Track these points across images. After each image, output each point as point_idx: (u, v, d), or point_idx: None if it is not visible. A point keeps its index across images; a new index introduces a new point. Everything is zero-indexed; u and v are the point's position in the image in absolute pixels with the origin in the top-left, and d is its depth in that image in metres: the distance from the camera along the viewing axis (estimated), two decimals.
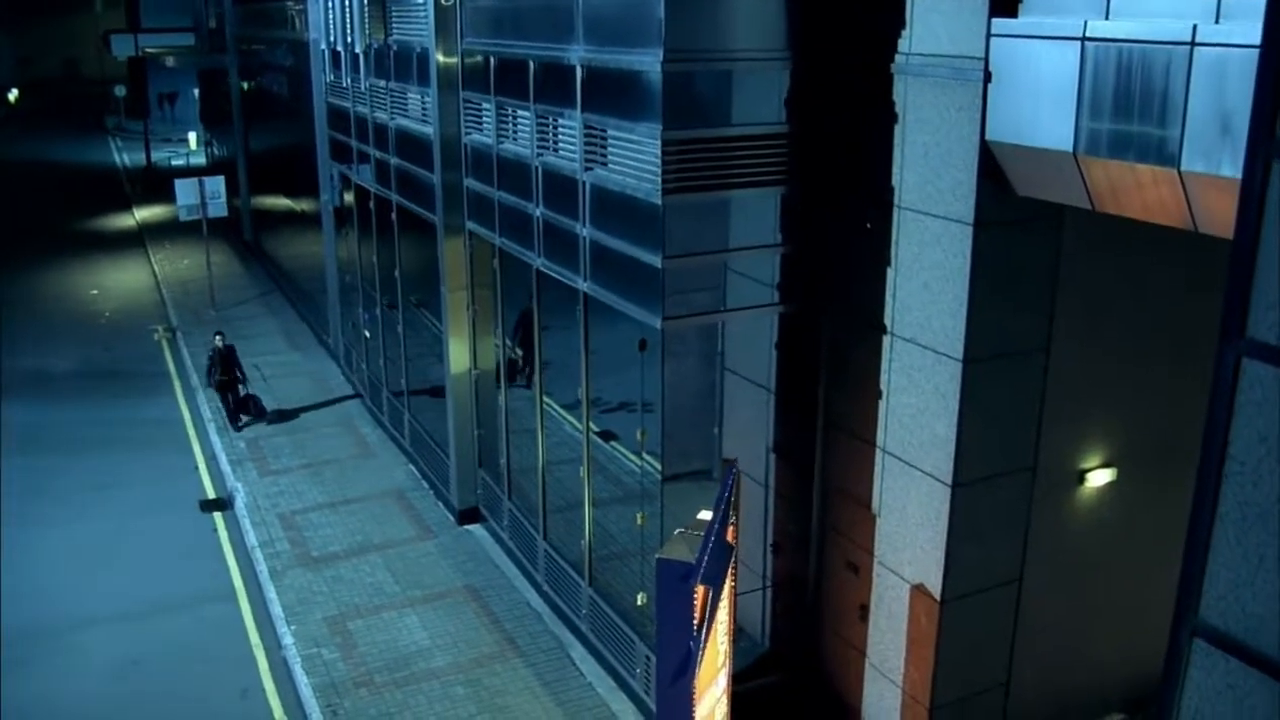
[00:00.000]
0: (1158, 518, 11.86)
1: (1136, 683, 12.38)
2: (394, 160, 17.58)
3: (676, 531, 10.31)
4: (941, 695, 10.92)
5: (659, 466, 11.39)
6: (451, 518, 16.74)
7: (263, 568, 15.38)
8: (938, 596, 10.62)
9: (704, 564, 9.65)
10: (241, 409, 20.49)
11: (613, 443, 12.97)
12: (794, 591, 12.65)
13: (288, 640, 13.70)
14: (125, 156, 53.66)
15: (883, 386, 10.99)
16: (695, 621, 9.82)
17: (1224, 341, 5.45)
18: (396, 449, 19.29)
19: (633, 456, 12.26)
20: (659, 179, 10.43)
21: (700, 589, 9.74)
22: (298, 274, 27.74)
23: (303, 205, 26.15)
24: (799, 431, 12.20)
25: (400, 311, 18.41)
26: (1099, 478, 11.18)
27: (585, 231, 11.99)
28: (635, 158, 10.86)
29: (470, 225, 15.38)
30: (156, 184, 41.89)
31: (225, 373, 20.21)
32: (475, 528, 16.47)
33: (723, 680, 10.81)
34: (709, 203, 10.96)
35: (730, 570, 10.42)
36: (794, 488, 12.42)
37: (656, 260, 10.65)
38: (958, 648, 10.82)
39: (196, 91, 48.08)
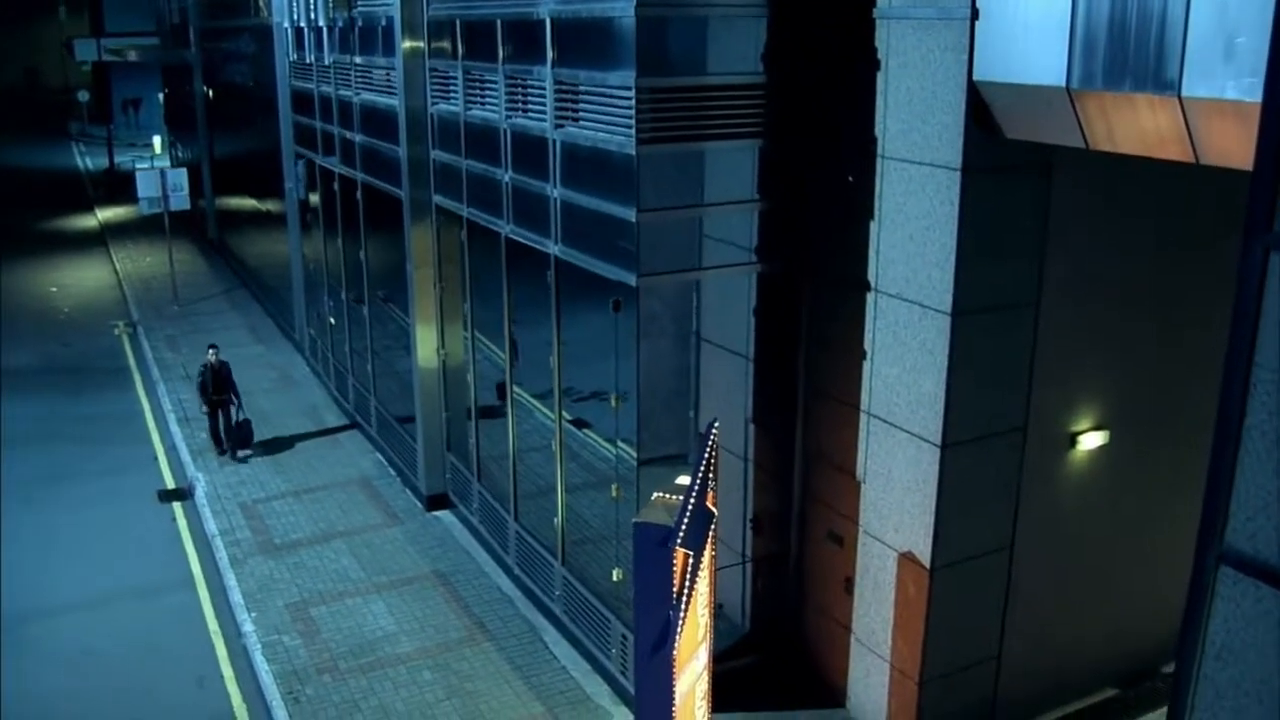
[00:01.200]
0: (1151, 486, 11.47)
1: (1129, 658, 11.98)
2: (359, 137, 17.05)
3: (654, 496, 9.80)
4: (931, 668, 10.45)
5: (634, 453, 10.89)
6: (419, 504, 16.17)
7: (222, 555, 14.76)
8: (927, 564, 10.15)
9: (683, 527, 9.15)
10: (238, 440, 17.95)
11: (586, 430, 12.48)
12: (775, 569, 12.16)
13: (248, 627, 13.09)
14: (88, 161, 52.75)
15: (867, 346, 10.54)
16: (675, 589, 9.31)
17: (1250, 237, 5.01)
18: (363, 438, 18.71)
19: (605, 443, 11.80)
20: (633, 129, 9.96)
21: (680, 553, 9.24)
22: (263, 270, 27.15)
23: (268, 205, 25.60)
24: (779, 400, 11.74)
25: (366, 295, 17.85)
26: (1091, 440, 10.77)
27: (556, 192, 11.50)
28: (608, 110, 10.39)
29: (437, 199, 14.86)
30: (120, 186, 41.11)
31: (218, 391, 17.81)
32: (444, 514, 15.91)
33: (703, 655, 10.30)
34: (684, 157, 10.49)
35: (710, 538, 9.92)
36: (774, 459, 11.95)
37: (631, 214, 10.17)
38: (948, 618, 10.36)
39: (161, 96, 47.40)
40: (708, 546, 9.86)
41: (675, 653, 9.33)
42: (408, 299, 15.57)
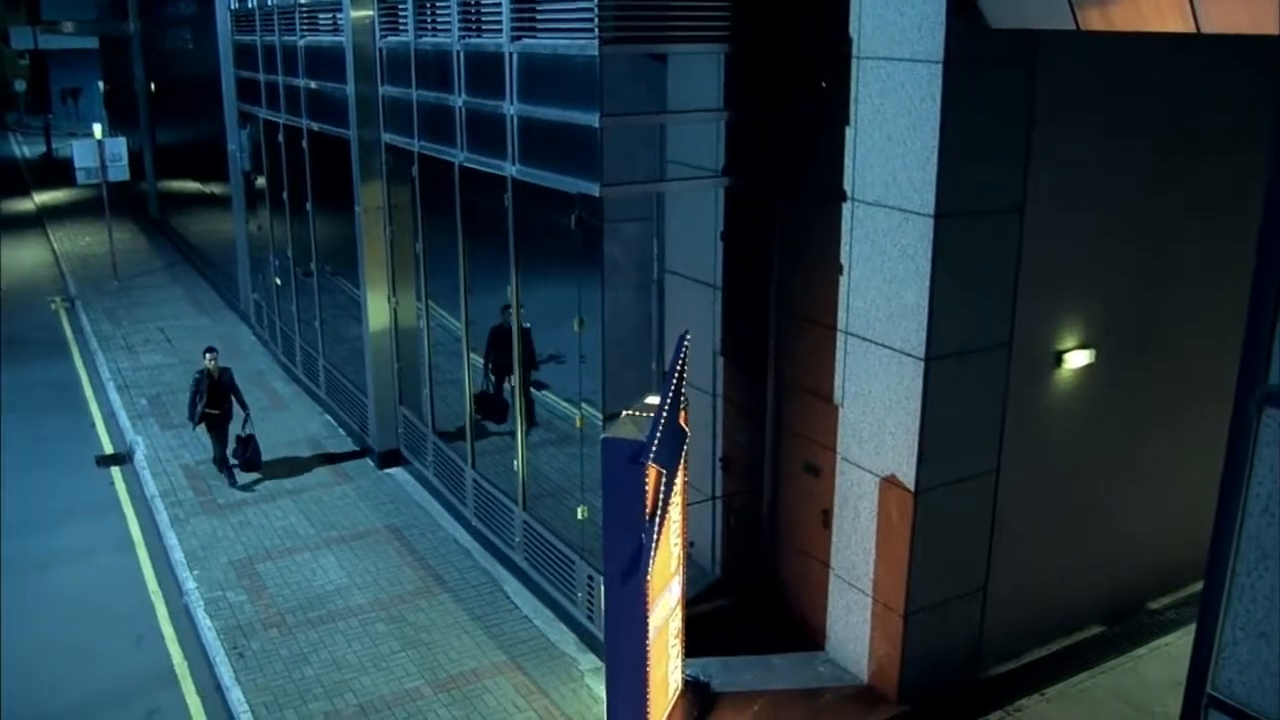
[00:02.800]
0: (1138, 412, 11.03)
1: (1116, 594, 11.52)
2: (304, 82, 16.28)
3: (624, 413, 9.19)
4: (916, 600, 9.89)
5: (599, 414, 10.27)
6: (371, 462, 15.43)
7: (163, 516, 13.95)
8: (911, 486, 9.60)
9: (655, 442, 8.54)
10: (244, 460, 14.98)
11: (545, 391, 11.83)
12: (747, 508, 11.56)
13: (189, 585, 12.30)
14: (26, 149, 51.29)
15: (844, 260, 9.98)
16: (647, 509, 8.71)
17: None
18: (311, 401, 17.92)
19: (565, 403, 11.23)
20: (595, 30, 9.34)
21: (652, 470, 8.64)
22: (207, 247, 26.30)
23: (212, 187, 24.80)
24: (749, 329, 11.15)
25: (314, 250, 17.07)
26: (1077, 359, 10.28)
27: (513, 110, 10.84)
28: (569, 15, 9.78)
29: (387, 137, 14.14)
30: (58, 171, 39.84)
31: (215, 404, 14.59)
32: (396, 471, 15.18)
33: (676, 588, 9.70)
34: (647, 67, 9.88)
35: (683, 461, 9.31)
36: (745, 393, 11.36)
37: (594, 119, 9.54)
38: (932, 545, 9.81)
39: (101, 85, 46.16)
40: (680, 468, 9.25)
41: (648, 580, 8.72)
42: (357, 247, 14.82)
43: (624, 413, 9.16)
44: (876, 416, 9.85)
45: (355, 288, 15.26)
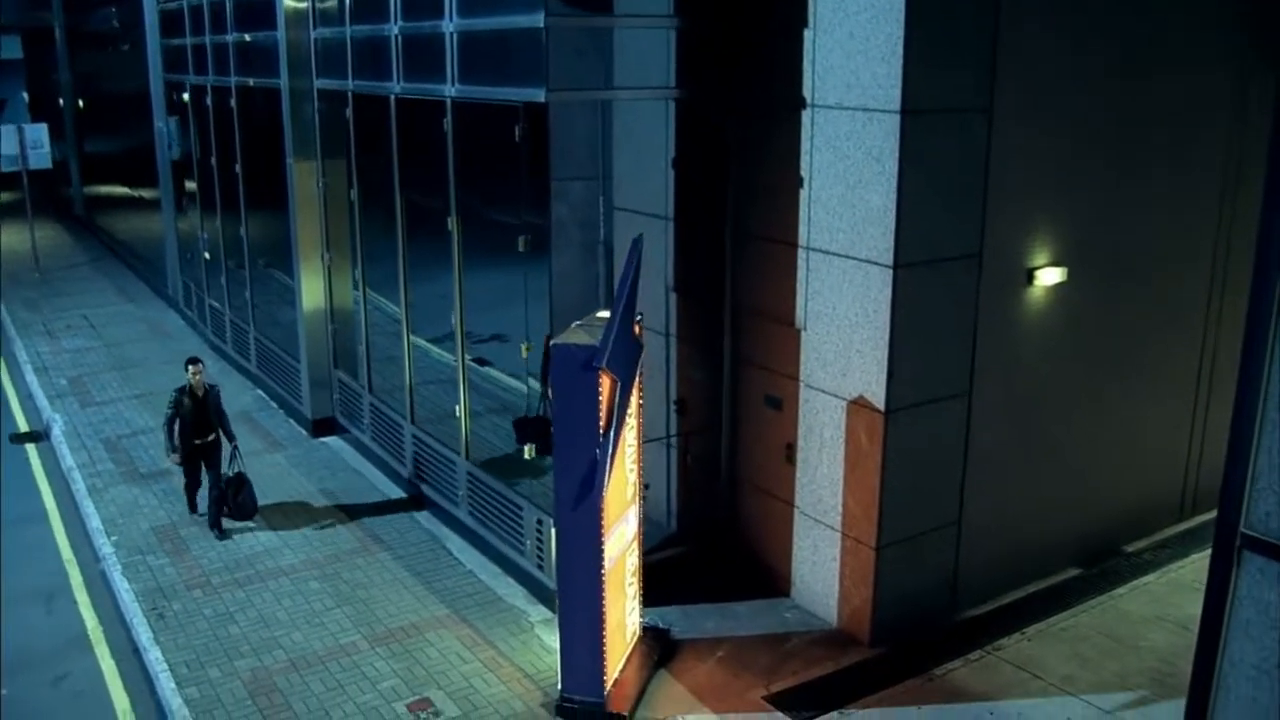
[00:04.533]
0: (1113, 338, 10.60)
1: (1090, 537, 11.06)
2: (232, 37, 15.58)
3: (574, 324, 8.57)
4: (888, 531, 9.34)
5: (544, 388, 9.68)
6: (304, 432, 14.66)
7: (80, 487, 13.08)
8: (881, 406, 9.07)
9: (609, 347, 7.94)
10: (236, 504, 11.79)
11: (488, 367, 11.20)
12: (705, 452, 10.96)
13: (106, 550, 11.46)
14: None
15: (804, 171, 9.47)
16: (601, 421, 8.09)
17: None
18: (243, 377, 17.10)
19: (509, 378, 10.66)
20: None
21: (606, 378, 8.03)
22: (135, 242, 25.38)
23: (140, 191, 23.93)
24: (705, 256, 10.61)
25: (244, 217, 16.29)
26: (1048, 276, 9.83)
27: (452, 26, 10.26)
28: None
29: (319, 83, 13.47)
30: None
31: (203, 430, 11.68)
32: (331, 439, 14.43)
33: (632, 520, 9.07)
34: None
35: (638, 375, 8.70)
36: (700, 327, 10.79)
37: (539, 20, 8.99)
38: (904, 471, 9.28)
39: (25, 95, 44.97)
40: (636, 387, 8.64)
41: (603, 498, 8.09)
42: (289, 203, 14.11)
43: (575, 324, 8.55)
44: (842, 335, 9.32)
45: (286, 251, 14.52)
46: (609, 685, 8.64)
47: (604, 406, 8.06)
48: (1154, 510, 11.69)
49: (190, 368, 11.84)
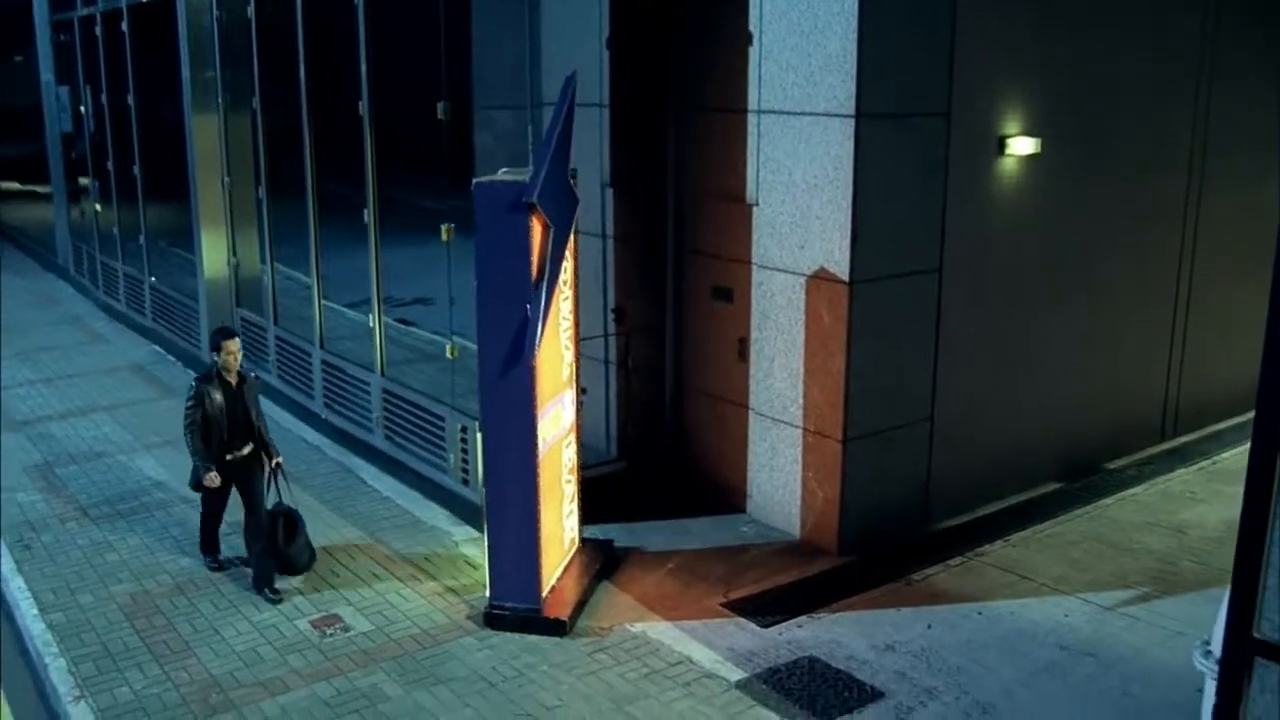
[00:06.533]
0: (1087, 227, 9.99)
1: (1071, 453, 10.40)
2: None
3: (501, 171, 7.71)
4: (856, 420, 8.57)
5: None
6: None
7: None
8: (845, 276, 8.31)
9: (540, 182, 7.11)
10: (285, 554, 8.40)
11: (412, 327, 10.37)
12: (647, 363, 10.12)
13: None
14: None
15: (753, 26, 8.75)
16: (533, 273, 7.24)
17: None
18: (137, 335, 16.05)
19: (433, 334, 9.91)
20: None
21: (538, 221, 7.19)
22: (25, 226, 24.15)
23: (32, 186, 22.80)
24: (644, 139, 9.82)
25: (137, 154, 15.22)
26: (1021, 146, 9.17)
27: None
28: None
29: None
30: None
31: (241, 435, 8.31)
32: None
33: (569, 406, 8.21)
34: None
35: (573, 231, 7.86)
36: (640, 221, 9.97)
37: None
38: (871, 352, 8.53)
39: None
40: (569, 243, 7.80)
41: (535, 361, 7.23)
42: (185, 122, 13.13)
43: (501, 171, 7.69)
44: (799, 203, 8.57)
45: (183, 180, 13.52)
46: (545, 591, 7.75)
47: (535, 254, 7.21)
48: (1134, 429, 11.07)
49: (223, 344, 8.21)
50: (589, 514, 8.79)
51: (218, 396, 8.19)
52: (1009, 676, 7.02)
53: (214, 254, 13.30)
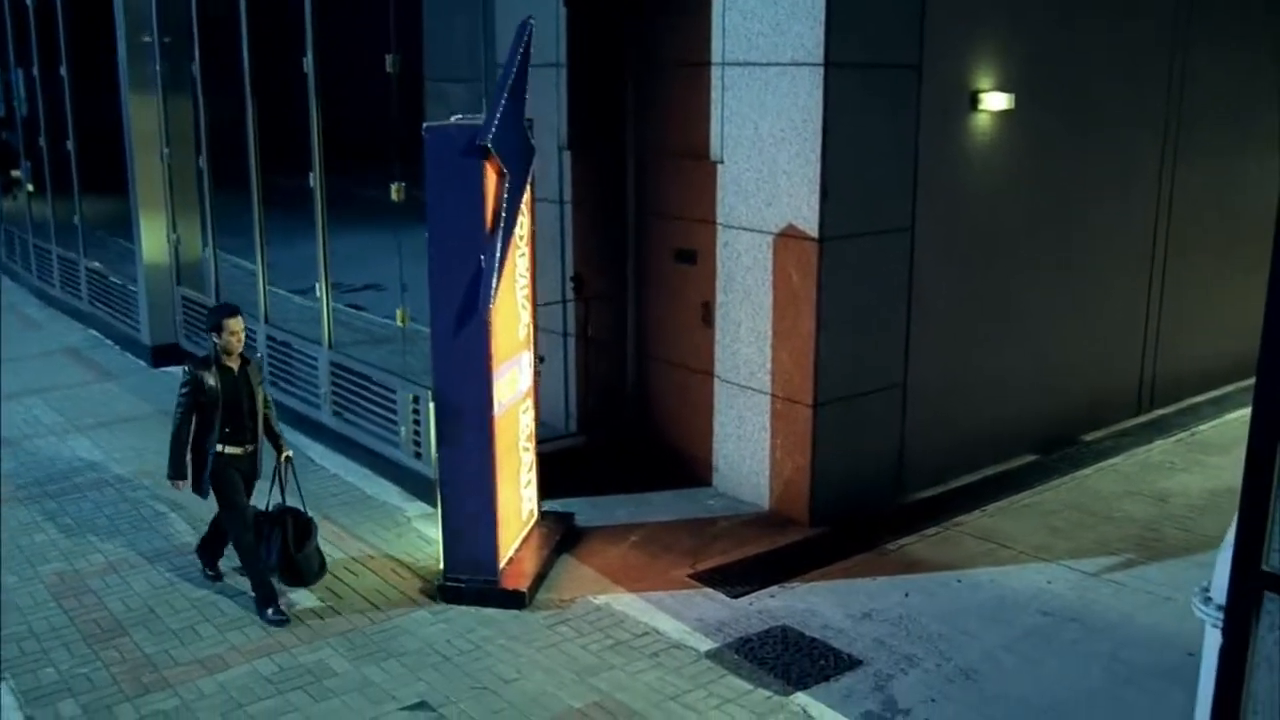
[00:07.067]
0: (1062, 191, 9.81)
1: (1046, 425, 10.22)
2: None
3: (454, 118, 7.38)
4: (826, 384, 8.31)
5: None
6: (144, 363, 13.17)
7: None
8: (814, 233, 8.06)
9: (494, 125, 6.81)
10: (298, 560, 7.29)
11: (362, 311, 10.05)
12: (607, 333, 9.83)
13: None
14: None
15: None
16: (487, 222, 6.94)
17: None
18: (71, 319, 15.52)
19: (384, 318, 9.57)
20: None
21: (492, 168, 6.89)
22: None
23: None
24: (603, 96, 9.55)
25: (71, 127, 14.70)
26: (994, 102, 8.96)
27: None
28: None
29: None
30: None
31: (236, 433, 7.32)
32: (175, 369, 12.86)
33: (526, 367, 7.90)
34: None
35: (529, 181, 7.55)
36: (598, 183, 9.69)
37: None
38: (842, 314, 8.29)
39: None
40: (526, 198, 7.49)
41: (491, 314, 6.92)
42: (120, 91, 12.67)
43: (454, 117, 7.37)
44: (766, 156, 8.31)
45: (120, 154, 13.06)
46: (502, 563, 7.43)
47: (490, 203, 6.89)
48: (1110, 402, 10.90)
49: (225, 323, 7.18)
50: (547, 490, 8.47)
51: (212, 384, 7.19)
52: (992, 642, 6.78)
53: (153, 232, 12.84)
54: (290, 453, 7.58)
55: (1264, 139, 11.70)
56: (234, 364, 7.31)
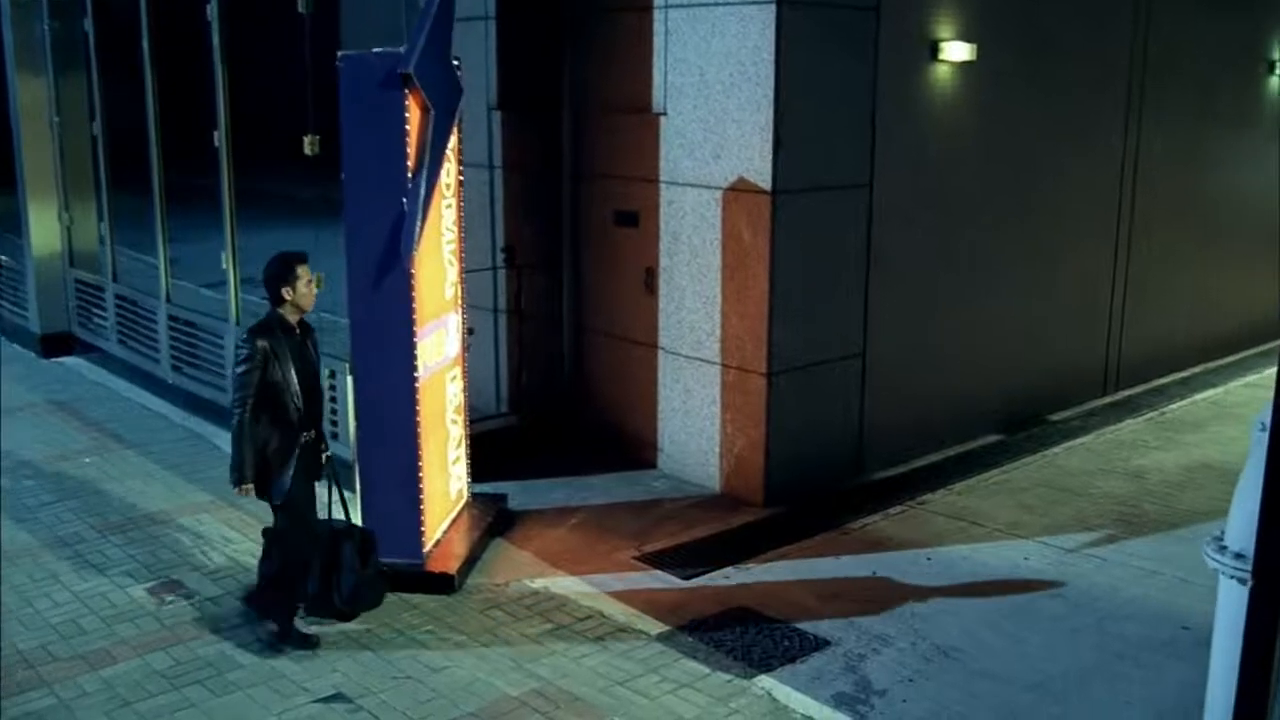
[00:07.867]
0: (1025, 157, 9.49)
1: (1011, 404, 9.87)
2: None
3: (373, 50, 6.81)
4: (780, 351, 7.85)
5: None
6: (33, 354, 12.37)
7: None
8: (767, 185, 7.60)
9: (417, 54, 6.27)
10: (353, 592, 6.08)
11: None
12: (541, 306, 9.29)
13: None
14: None
15: None
16: (410, 162, 6.39)
17: None
18: None
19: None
20: None
21: (415, 102, 6.35)
22: None
23: None
24: (537, 49, 9.04)
25: None
26: (955, 51, 8.61)
27: None
28: None
29: None
30: None
31: (311, 414, 6.10)
32: (70, 359, 12.18)
33: (453, 331, 7.35)
34: None
35: (458, 121, 7.01)
36: (531, 144, 9.16)
37: None
38: (797, 272, 7.84)
39: None
40: (452, 142, 6.95)
41: (414, 265, 6.37)
42: (3, 47, 11.90)
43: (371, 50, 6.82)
44: (713, 106, 7.85)
45: (5, 128, 12.30)
46: (429, 545, 6.85)
47: (413, 139, 6.34)
48: (1077, 381, 10.60)
49: (298, 270, 5.94)
50: (477, 474, 7.91)
51: (286, 356, 5.89)
52: (970, 619, 6.33)
53: (43, 209, 12.07)
54: (330, 452, 6.31)
55: (1231, 111, 11.58)
56: (299, 330, 6.09)
